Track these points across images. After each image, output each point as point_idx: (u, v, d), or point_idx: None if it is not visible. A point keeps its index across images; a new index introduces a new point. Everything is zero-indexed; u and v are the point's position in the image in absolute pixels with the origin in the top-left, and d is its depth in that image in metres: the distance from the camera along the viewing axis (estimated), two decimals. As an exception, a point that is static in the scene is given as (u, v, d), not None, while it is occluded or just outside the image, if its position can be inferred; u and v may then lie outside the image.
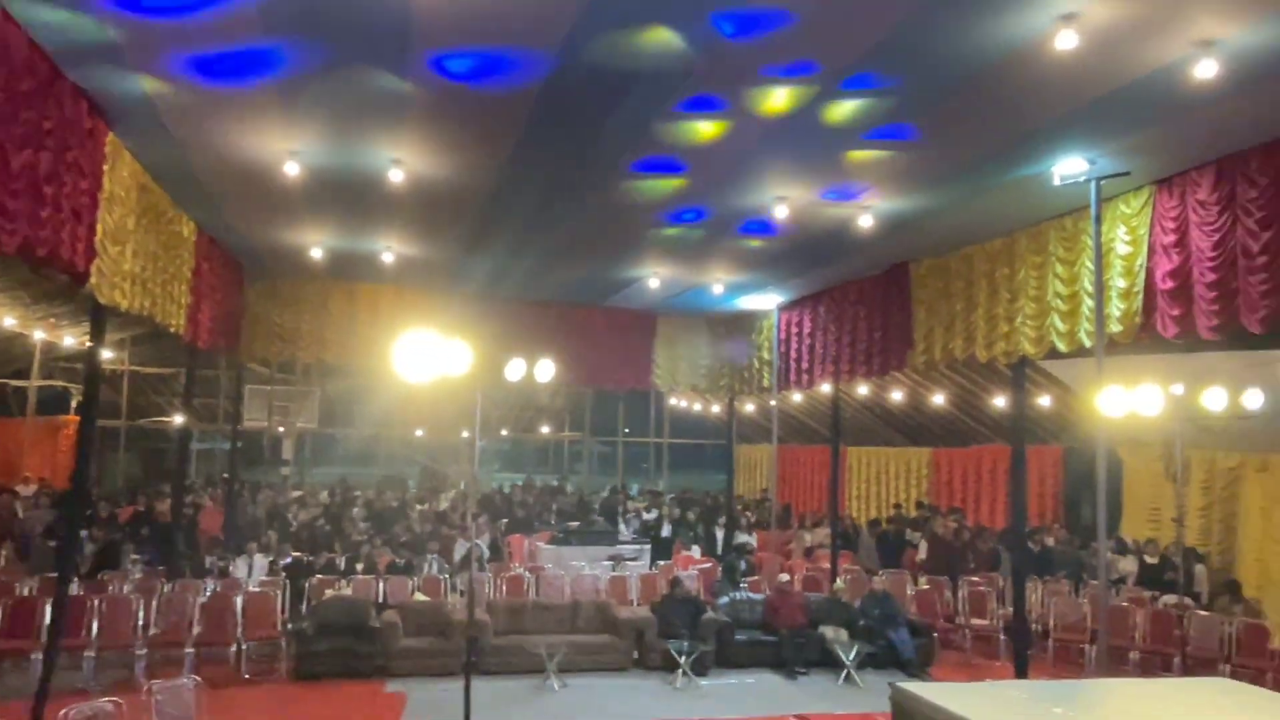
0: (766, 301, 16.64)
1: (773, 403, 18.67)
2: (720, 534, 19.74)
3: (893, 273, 13.23)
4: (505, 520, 20.40)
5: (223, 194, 11.03)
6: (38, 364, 21.90)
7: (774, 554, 18.40)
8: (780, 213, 10.61)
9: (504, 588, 13.82)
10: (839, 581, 14.21)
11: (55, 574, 9.84)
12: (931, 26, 6.46)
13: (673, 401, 28.58)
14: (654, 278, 14.92)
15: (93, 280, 8.54)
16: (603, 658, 11.77)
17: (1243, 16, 6.00)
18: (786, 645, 12.10)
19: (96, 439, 19.98)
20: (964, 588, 14.33)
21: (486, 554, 15.59)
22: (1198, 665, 11.56)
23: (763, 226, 11.68)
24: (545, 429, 31.91)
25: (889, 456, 24.72)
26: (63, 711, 6.01)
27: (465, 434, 24.76)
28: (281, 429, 26.77)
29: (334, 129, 8.83)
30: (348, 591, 12.32)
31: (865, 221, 10.80)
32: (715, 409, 26.79)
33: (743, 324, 18.48)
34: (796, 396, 21.61)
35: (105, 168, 8.48)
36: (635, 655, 11.90)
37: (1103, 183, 8.37)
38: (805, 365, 15.99)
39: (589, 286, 16.02)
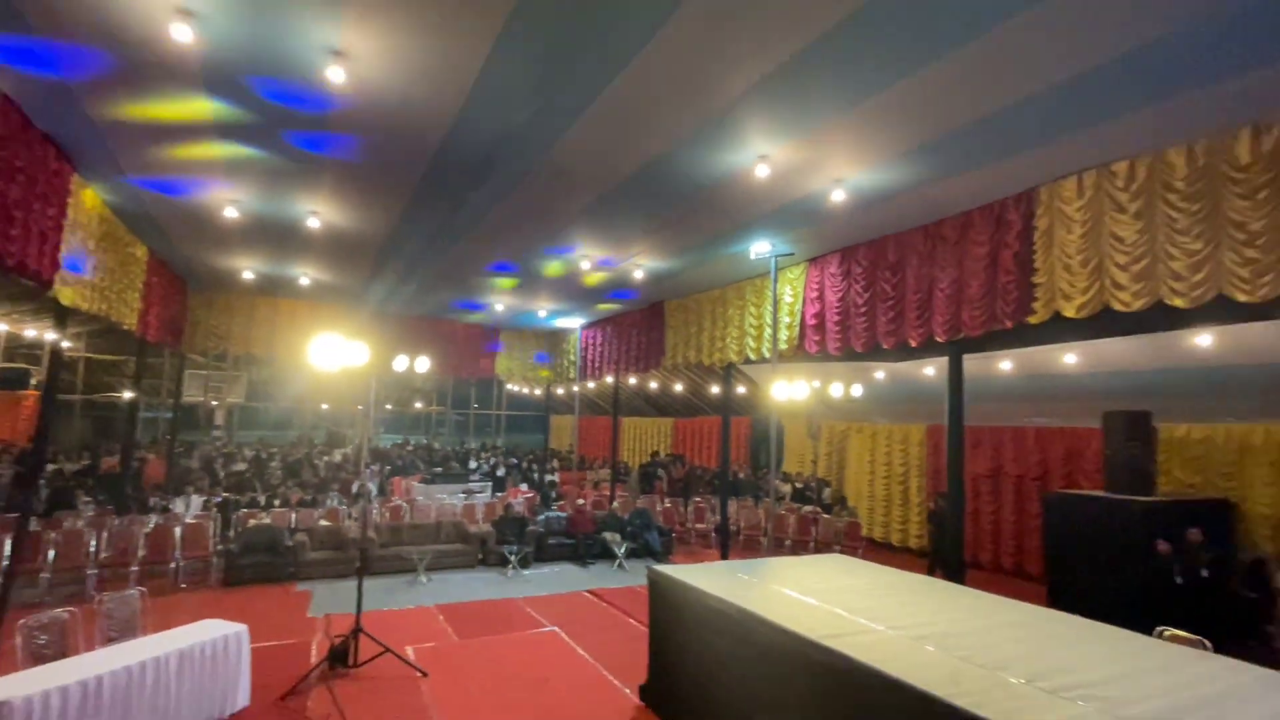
0: (574, 322, 16.57)
1: (575, 388, 18.63)
2: (538, 474, 19.47)
3: (654, 307, 13.56)
4: (389, 467, 19.15)
5: (171, 229, 9.59)
6: (1, 349, 18.17)
7: (574, 486, 18.37)
8: (585, 265, 10.63)
9: (387, 514, 12.95)
10: (615, 503, 14.41)
11: (17, 514, 8.22)
12: (676, 159, 6.65)
13: (510, 387, 27.92)
14: (499, 303, 14.49)
15: (56, 287, 7.22)
16: (458, 559, 11.26)
17: (855, 165, 6.61)
18: (581, 545, 12.10)
19: (54, 409, 16.87)
20: (691, 505, 14.95)
21: (375, 491, 14.53)
22: (823, 547, 12.52)
23: (570, 280, 11.69)
24: (419, 404, 30.37)
25: (648, 424, 25.35)
26: (22, 620, 5.03)
27: (360, 407, 23.03)
28: (215, 402, 23.78)
29: (265, 187, 7.91)
30: (267, 520, 11.07)
31: (639, 275, 11.00)
32: (538, 391, 26.39)
33: (558, 336, 18.34)
34: (591, 384, 21.70)
35: (69, 200, 7.18)
36: (480, 557, 11.50)
37: (779, 259, 8.89)
38: (597, 364, 16.07)
39: (455, 307, 15.33)
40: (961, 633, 4.24)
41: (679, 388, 20.27)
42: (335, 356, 6.74)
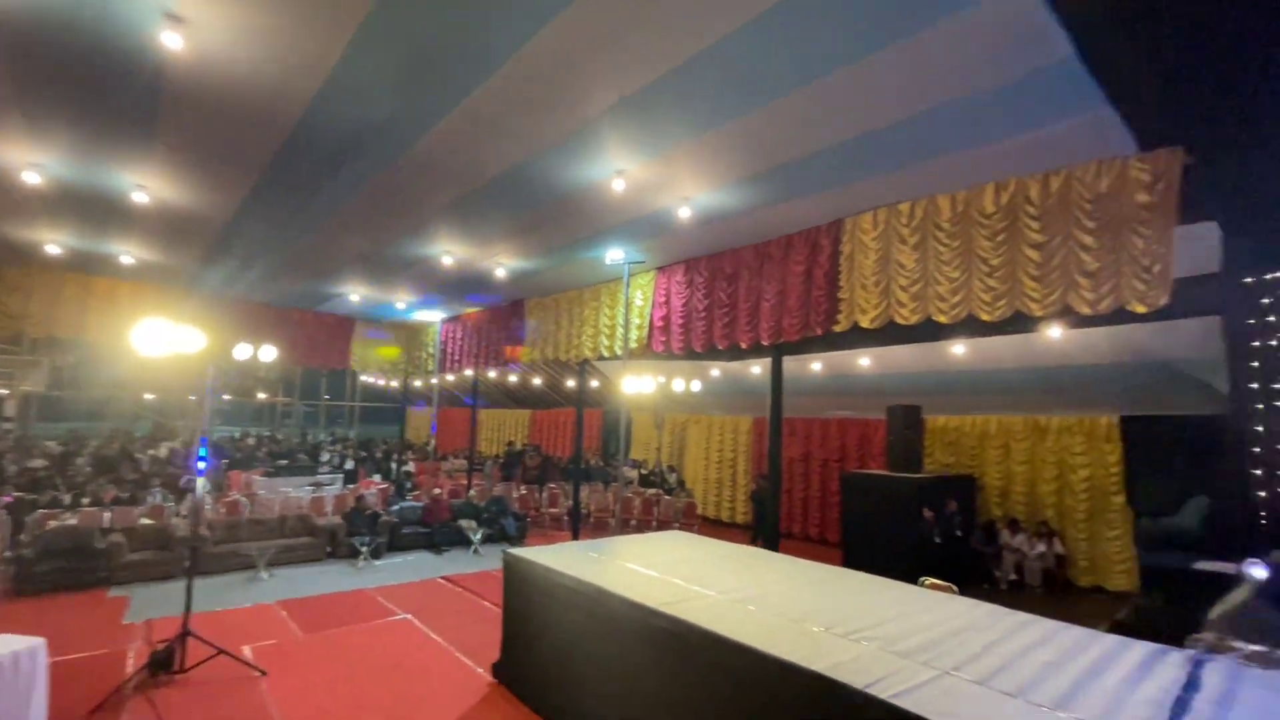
0: (434, 315, 15.75)
1: (434, 381, 17.74)
2: (393, 466, 18.29)
3: (516, 305, 13.28)
4: (226, 460, 16.93)
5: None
6: None
7: (431, 477, 17.48)
8: (446, 261, 10.15)
9: (223, 510, 11.47)
10: (472, 491, 13.94)
11: None
12: (539, 167, 6.56)
13: (365, 378, 25.90)
14: (354, 294, 13.38)
15: None
16: (304, 554, 10.26)
17: (701, 186, 6.98)
18: (436, 533, 11.58)
19: None
20: (546, 491, 14.86)
21: (204, 485, 12.75)
22: (664, 525, 13.04)
23: (431, 275, 11.08)
24: (262, 395, 27.07)
25: (506, 415, 24.77)
26: None
27: (193, 397, 20.11)
28: (5, 391, 19.52)
29: (80, 153, 6.65)
30: (73, 521, 9.34)
31: (501, 273, 10.71)
32: (394, 383, 24.74)
33: (417, 329, 17.32)
34: (450, 377, 20.77)
35: None
36: (330, 550, 10.57)
37: (631, 265, 9.09)
38: (457, 358, 15.40)
39: (306, 295, 13.85)
40: (775, 593, 4.64)
41: (537, 381, 20.04)
42: (163, 342, 5.84)
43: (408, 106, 5.47)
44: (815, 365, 12.45)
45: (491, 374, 19.43)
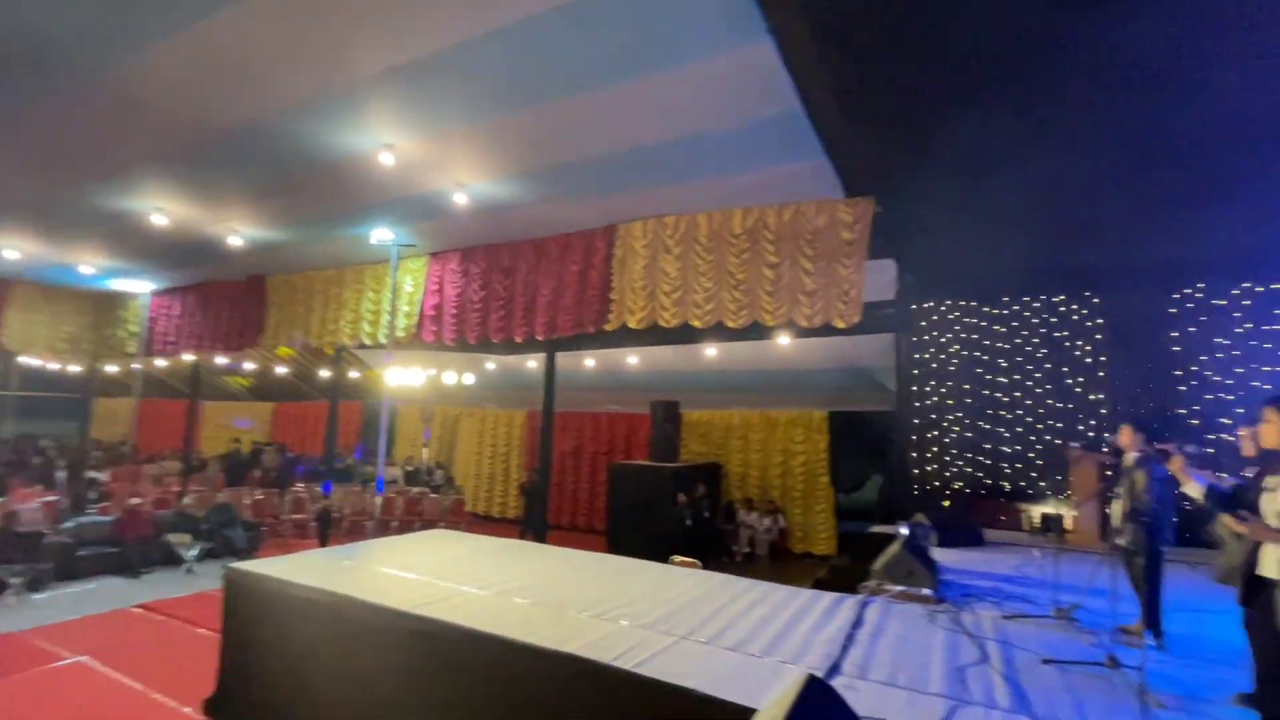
0: (140, 286, 12.88)
1: (137, 366, 14.50)
2: (69, 472, 14.45)
3: (253, 281, 11.51)
4: None
5: None
6: None
7: (128, 484, 14.22)
8: (158, 220, 8.38)
9: None
10: (187, 499, 11.70)
11: None
12: (289, 125, 5.85)
13: (25, 360, 19.97)
14: (12, 249, 10.33)
15: None
16: (-89, 595, 7.64)
17: (479, 174, 6.84)
18: (132, 552, 9.48)
19: None
20: (290, 494, 13.16)
21: None
22: (429, 525, 12.52)
23: (137, 229, 8.98)
24: None
25: (239, 409, 21.26)
26: None
27: None
28: None
29: None
30: None
31: (236, 242, 9.19)
32: (76, 368, 19.59)
33: (113, 301, 13.95)
34: (160, 362, 17.16)
35: None
36: (-43, 586, 8.00)
37: (401, 248, 8.59)
38: (172, 339, 12.82)
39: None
40: (539, 583, 4.78)
41: (282, 370, 17.59)
42: None
43: (104, 21, 4.41)
44: (589, 361, 12.99)
45: (220, 360, 16.53)
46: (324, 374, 16.53)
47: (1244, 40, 3.52)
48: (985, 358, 8.28)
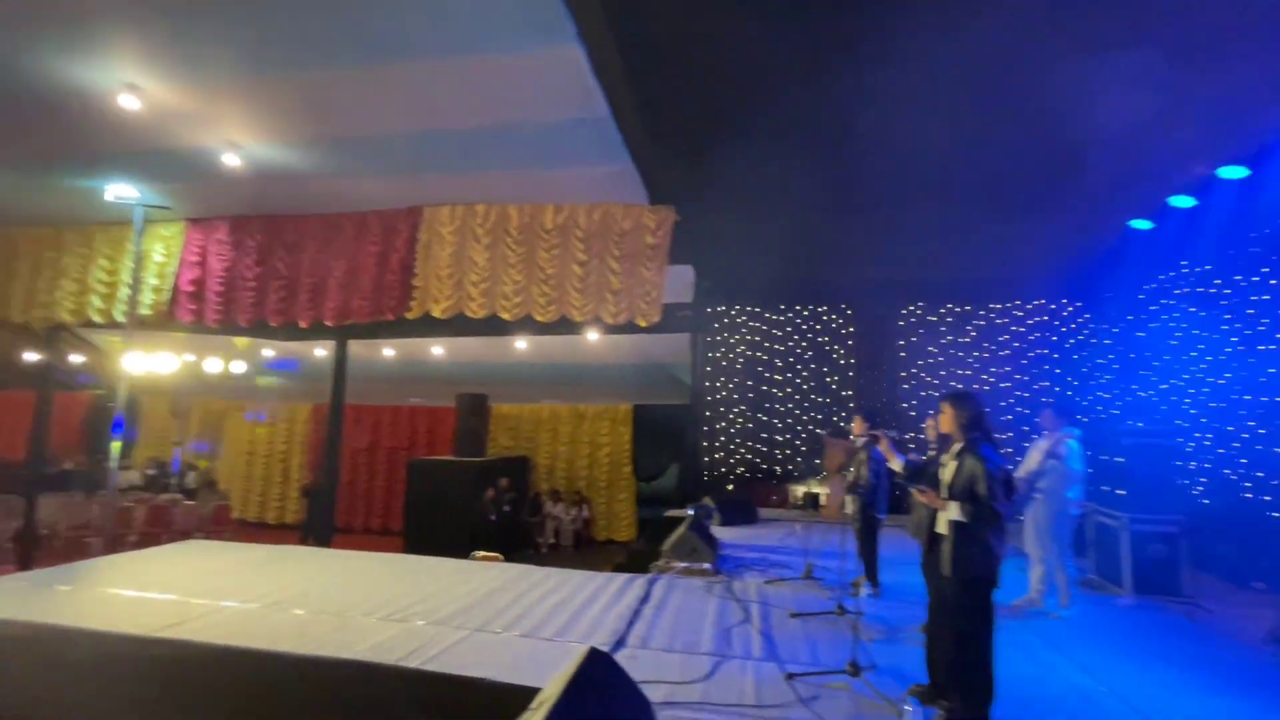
0: None
1: None
2: None
3: (-82, 232, 8.84)
4: None
5: None
6: None
7: None
8: None
9: None
10: None
11: None
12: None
13: None
14: None
15: None
16: None
17: (257, 134, 6.06)
18: None
19: None
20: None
21: None
22: (182, 536, 10.75)
23: None
24: None
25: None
26: None
27: None
28: None
29: None
30: None
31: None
32: None
33: None
34: None
35: None
36: None
37: (148, 209, 7.25)
38: None
39: None
40: (319, 590, 4.41)
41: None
42: None
43: None
44: (388, 351, 12.14)
45: None
46: (30, 357, 13.20)
47: (916, 111, 4.51)
48: (765, 357, 9.43)
